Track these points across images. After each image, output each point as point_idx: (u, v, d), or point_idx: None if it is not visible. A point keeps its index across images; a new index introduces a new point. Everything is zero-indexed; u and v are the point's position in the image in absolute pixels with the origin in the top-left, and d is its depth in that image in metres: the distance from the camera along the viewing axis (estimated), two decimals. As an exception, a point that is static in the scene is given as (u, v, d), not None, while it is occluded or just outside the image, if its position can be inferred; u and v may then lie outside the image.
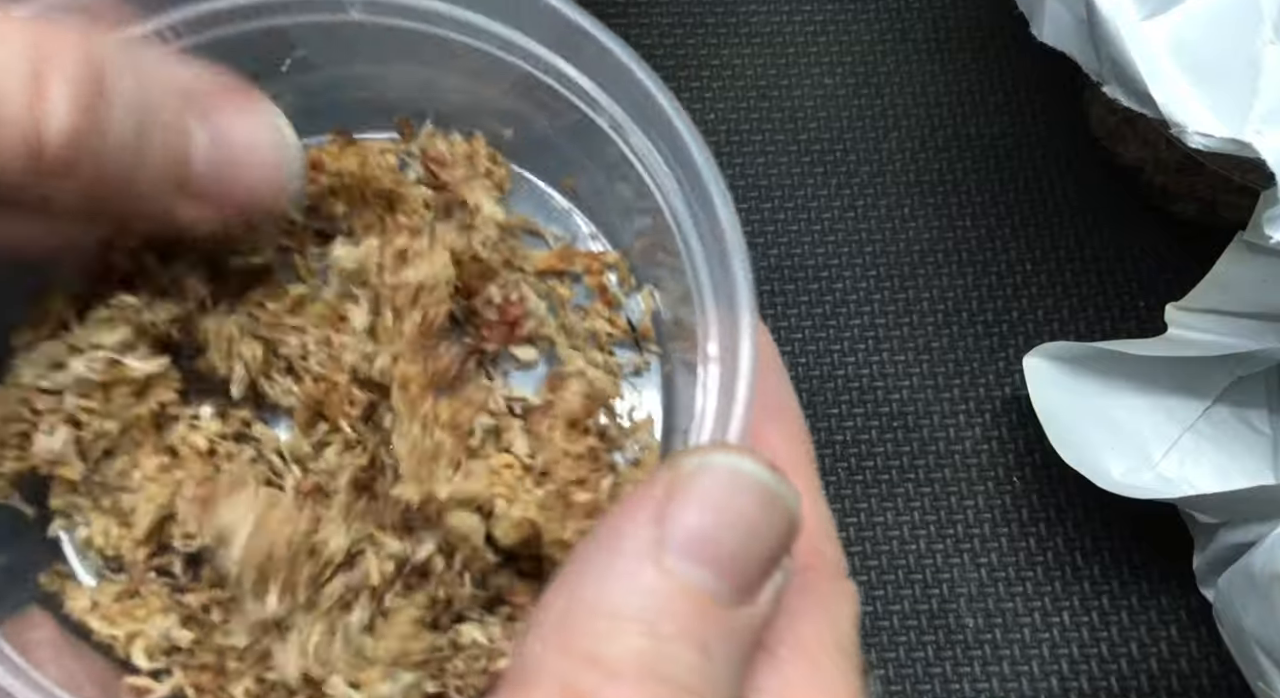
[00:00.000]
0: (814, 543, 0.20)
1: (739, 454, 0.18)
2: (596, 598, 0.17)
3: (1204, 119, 0.38)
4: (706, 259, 0.23)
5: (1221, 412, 0.45)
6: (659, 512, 0.17)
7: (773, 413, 0.22)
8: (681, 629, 0.17)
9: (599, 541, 0.18)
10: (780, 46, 0.56)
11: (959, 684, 0.45)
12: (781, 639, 0.19)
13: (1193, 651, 0.46)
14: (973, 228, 0.53)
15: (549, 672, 0.16)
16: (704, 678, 0.17)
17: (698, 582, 0.17)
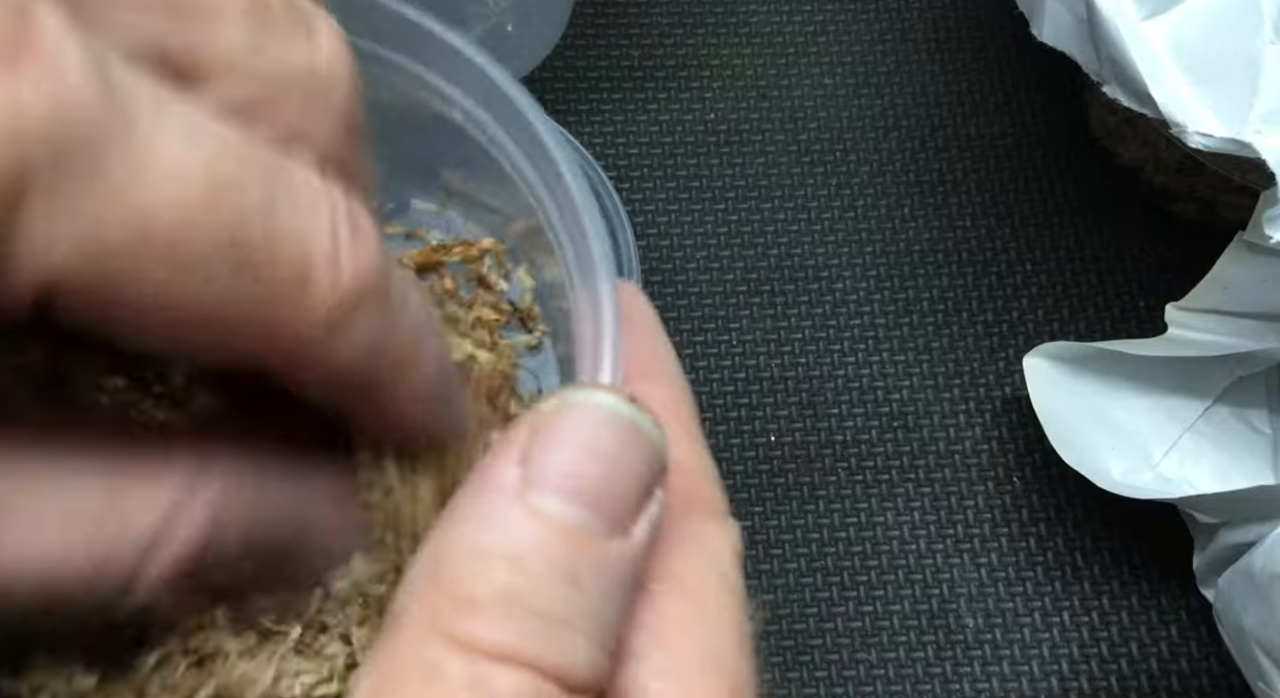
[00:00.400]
0: (691, 485, 0.20)
1: (595, 390, 0.18)
2: (463, 541, 0.17)
3: (1204, 119, 0.38)
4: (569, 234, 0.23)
5: (1222, 412, 0.45)
6: (523, 453, 0.17)
7: (647, 369, 0.22)
8: (550, 563, 0.16)
9: (467, 488, 0.18)
10: (780, 46, 0.56)
11: (959, 685, 0.45)
12: (656, 576, 0.19)
13: (1193, 651, 0.46)
14: (973, 228, 0.53)
15: (416, 615, 0.16)
16: (577, 609, 0.17)
17: (565, 517, 0.17)
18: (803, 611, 0.46)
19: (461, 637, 0.16)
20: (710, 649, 0.18)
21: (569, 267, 0.23)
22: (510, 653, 0.16)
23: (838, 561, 0.47)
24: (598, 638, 0.17)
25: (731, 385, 0.50)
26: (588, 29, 0.56)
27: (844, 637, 0.46)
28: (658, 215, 0.52)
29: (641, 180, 0.53)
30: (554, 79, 0.54)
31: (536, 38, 0.53)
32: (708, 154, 0.54)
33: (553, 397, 0.18)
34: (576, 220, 0.23)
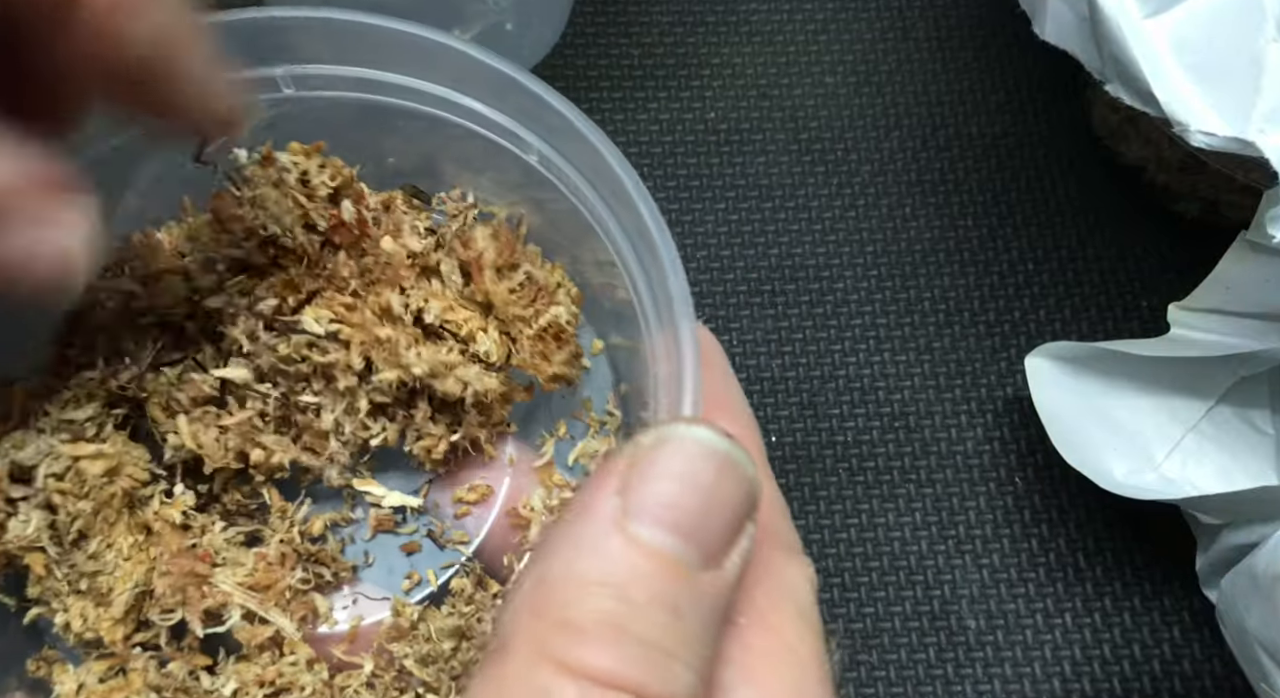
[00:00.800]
0: (770, 521, 0.21)
1: (695, 425, 0.18)
2: (566, 568, 0.17)
3: (1207, 118, 0.38)
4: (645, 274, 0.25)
5: (1224, 412, 0.45)
6: (622, 483, 0.18)
7: (719, 405, 0.23)
8: (651, 593, 0.17)
9: (567, 517, 0.18)
10: (781, 45, 0.56)
11: (961, 686, 0.45)
12: (740, 610, 0.19)
13: (1195, 652, 0.46)
14: (974, 228, 0.53)
15: (522, 638, 0.17)
16: (677, 638, 0.17)
17: (664, 547, 0.17)
18: (804, 612, 0.46)
19: (570, 662, 0.16)
20: (795, 684, 0.19)
21: (643, 305, 0.24)
22: (618, 679, 0.16)
23: (839, 562, 0.47)
24: (695, 667, 0.17)
25: (732, 386, 0.49)
26: (587, 28, 0.56)
27: (845, 638, 0.46)
28: (658, 215, 0.52)
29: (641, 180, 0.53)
30: (554, 78, 0.54)
31: (536, 37, 0.53)
32: (708, 154, 0.54)
33: (652, 430, 0.18)
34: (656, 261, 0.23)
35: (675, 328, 0.23)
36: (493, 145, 0.27)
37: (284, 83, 0.27)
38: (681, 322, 0.23)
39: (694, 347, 0.22)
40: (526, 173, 0.27)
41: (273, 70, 0.27)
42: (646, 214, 0.24)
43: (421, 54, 0.26)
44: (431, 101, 0.27)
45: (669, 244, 0.24)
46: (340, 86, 0.27)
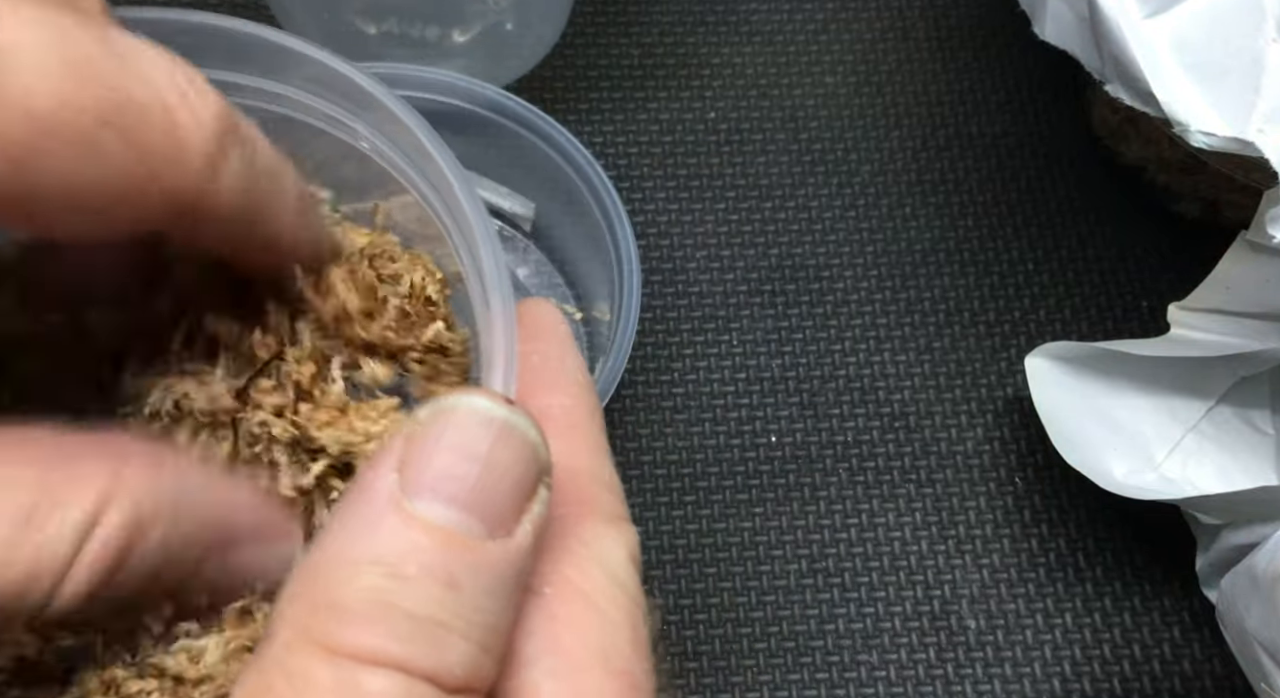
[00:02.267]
0: (586, 492, 0.20)
1: (470, 394, 0.18)
2: (338, 549, 0.17)
3: (1207, 118, 0.38)
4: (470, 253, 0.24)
5: (1224, 412, 0.45)
6: (398, 459, 0.17)
7: (552, 380, 0.22)
8: (425, 566, 0.16)
9: (346, 498, 0.17)
10: (781, 45, 0.56)
11: (960, 686, 0.45)
12: (547, 581, 0.19)
13: (1196, 652, 0.46)
14: (974, 228, 0.53)
15: (286, 622, 0.16)
16: (454, 611, 0.16)
17: (442, 520, 0.17)
18: (804, 612, 0.46)
19: (329, 642, 0.16)
20: (603, 649, 0.18)
21: (469, 282, 0.24)
22: (380, 656, 0.16)
23: (839, 562, 0.47)
24: (477, 639, 0.17)
25: (732, 386, 0.49)
26: (588, 28, 0.56)
27: (845, 639, 0.46)
28: (658, 215, 0.52)
29: (641, 180, 0.53)
30: (554, 78, 0.54)
31: (536, 37, 0.53)
32: (708, 154, 0.54)
33: (429, 404, 0.18)
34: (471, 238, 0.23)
35: (488, 301, 0.22)
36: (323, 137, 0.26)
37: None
38: (492, 295, 0.22)
39: (506, 319, 0.22)
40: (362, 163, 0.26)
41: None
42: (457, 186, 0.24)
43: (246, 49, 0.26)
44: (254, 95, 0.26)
45: (481, 216, 0.23)
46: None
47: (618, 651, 0.18)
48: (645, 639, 0.19)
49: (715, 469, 0.48)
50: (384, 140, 0.26)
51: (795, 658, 0.45)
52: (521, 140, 0.45)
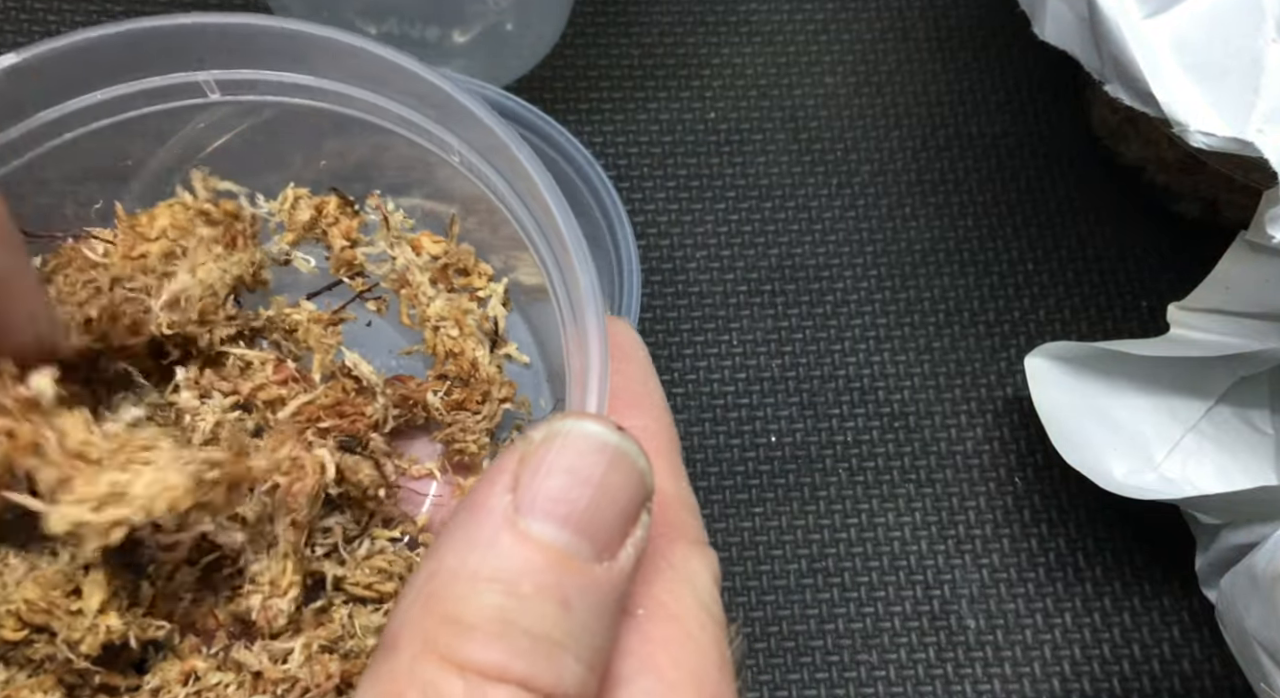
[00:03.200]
0: (672, 515, 0.21)
1: (583, 419, 0.19)
2: (456, 563, 0.17)
3: (1206, 118, 0.38)
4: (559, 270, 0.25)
5: (1224, 412, 0.45)
6: (513, 480, 0.18)
7: (635, 402, 0.23)
8: (540, 586, 0.17)
9: (460, 515, 0.18)
10: (781, 45, 0.56)
11: (960, 686, 0.45)
12: (639, 602, 0.19)
13: (1195, 652, 0.46)
14: (974, 228, 0.53)
15: (410, 634, 0.17)
16: (566, 631, 0.17)
17: (554, 541, 0.17)
18: (804, 612, 0.46)
19: (456, 657, 0.16)
20: (695, 672, 0.19)
21: (559, 302, 0.24)
22: (505, 673, 0.16)
23: (839, 562, 0.47)
24: (586, 659, 0.17)
25: (732, 386, 0.49)
26: (588, 28, 0.56)
27: (845, 638, 0.46)
28: (658, 215, 0.52)
29: (641, 180, 0.53)
30: (554, 78, 0.54)
31: (536, 37, 0.53)
32: (708, 154, 0.54)
33: (542, 425, 0.18)
34: (566, 256, 0.24)
35: (583, 322, 0.23)
36: (416, 149, 0.27)
37: (208, 88, 0.27)
38: (588, 315, 0.23)
39: (601, 340, 0.22)
40: (451, 176, 0.27)
41: (196, 75, 0.27)
42: (553, 204, 0.24)
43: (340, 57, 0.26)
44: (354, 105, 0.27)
45: (576, 235, 0.24)
46: (263, 91, 0.27)
47: (708, 674, 0.19)
48: (730, 663, 0.20)
49: (715, 469, 0.48)
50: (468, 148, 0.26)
51: (795, 658, 0.45)
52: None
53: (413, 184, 0.29)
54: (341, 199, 0.30)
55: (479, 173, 0.26)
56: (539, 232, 0.25)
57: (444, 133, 0.26)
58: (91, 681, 0.24)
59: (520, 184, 0.26)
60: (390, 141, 0.27)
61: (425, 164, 0.27)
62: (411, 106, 0.26)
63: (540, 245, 0.25)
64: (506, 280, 0.29)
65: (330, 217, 0.29)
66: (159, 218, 0.28)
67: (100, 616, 0.23)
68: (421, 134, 0.27)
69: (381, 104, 0.27)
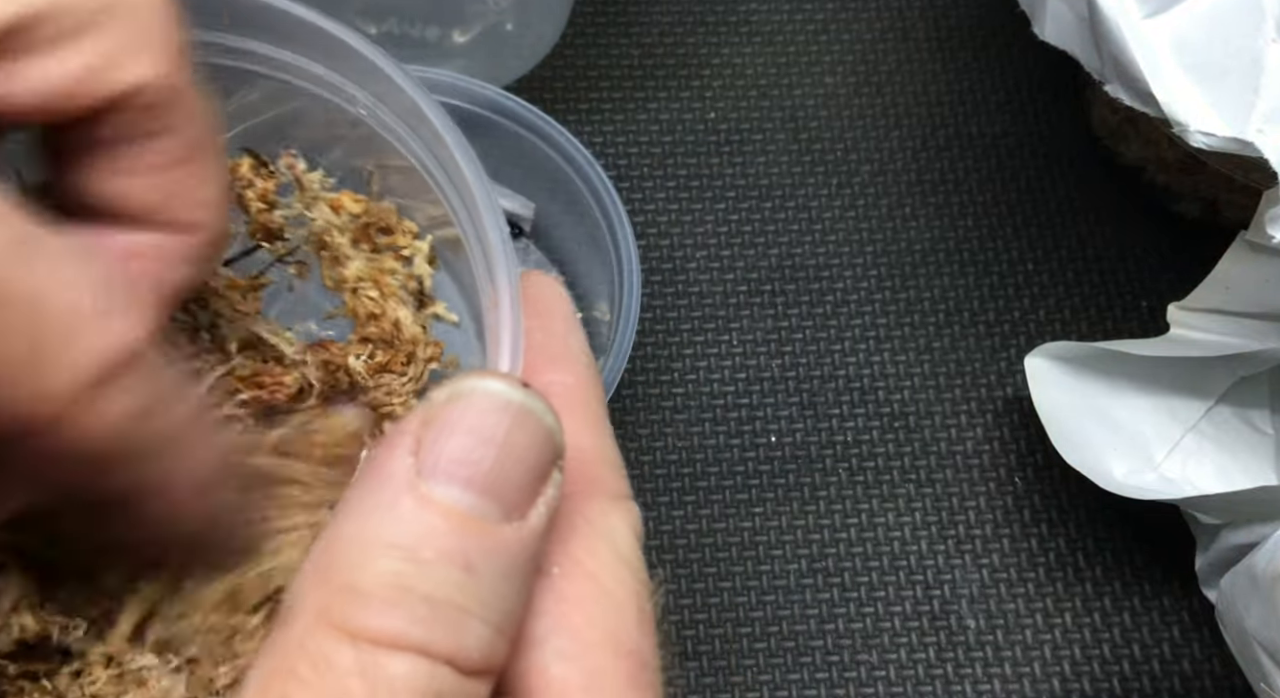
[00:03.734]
0: (591, 470, 0.20)
1: (486, 377, 0.18)
2: (355, 531, 0.17)
3: (1206, 118, 0.38)
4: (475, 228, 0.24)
5: (1224, 412, 0.45)
6: (415, 442, 0.17)
7: (555, 357, 0.22)
8: (442, 550, 0.16)
9: (361, 480, 0.18)
10: (781, 45, 0.56)
11: (960, 686, 0.45)
12: (554, 561, 0.19)
13: (1195, 652, 0.46)
14: (974, 228, 0.53)
15: (305, 605, 0.16)
16: (471, 594, 0.16)
17: (458, 503, 0.17)
18: (804, 612, 0.46)
19: (350, 626, 0.16)
20: (611, 629, 0.18)
21: (474, 256, 0.24)
22: (400, 640, 0.16)
23: (839, 562, 0.47)
24: (494, 622, 0.17)
25: (732, 386, 0.49)
26: (588, 28, 0.56)
27: (845, 638, 0.46)
28: (658, 215, 0.52)
29: (641, 180, 0.53)
30: (554, 78, 0.54)
31: (536, 37, 0.53)
32: (708, 154, 0.54)
33: (446, 386, 0.18)
34: (476, 212, 0.23)
35: (495, 279, 0.22)
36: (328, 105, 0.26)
37: None
38: (499, 272, 0.22)
39: (512, 297, 0.22)
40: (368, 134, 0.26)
41: None
42: (459, 157, 0.23)
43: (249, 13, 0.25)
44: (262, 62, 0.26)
45: (484, 189, 0.23)
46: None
47: (626, 631, 0.18)
48: (651, 618, 0.19)
49: (715, 469, 0.48)
50: (380, 105, 0.25)
51: (795, 658, 0.45)
52: (521, 140, 0.45)
53: (331, 144, 0.28)
54: (255, 160, 0.28)
55: (388, 127, 0.26)
56: (450, 184, 0.25)
57: (352, 87, 0.26)
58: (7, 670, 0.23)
59: (428, 136, 0.25)
60: (301, 98, 0.26)
61: (340, 121, 0.26)
62: (318, 61, 0.26)
63: (454, 201, 0.25)
64: (431, 238, 0.28)
65: (244, 179, 0.28)
66: None
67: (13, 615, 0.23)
68: (330, 89, 0.26)
69: (289, 60, 0.26)
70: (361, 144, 0.27)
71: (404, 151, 0.25)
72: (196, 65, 0.22)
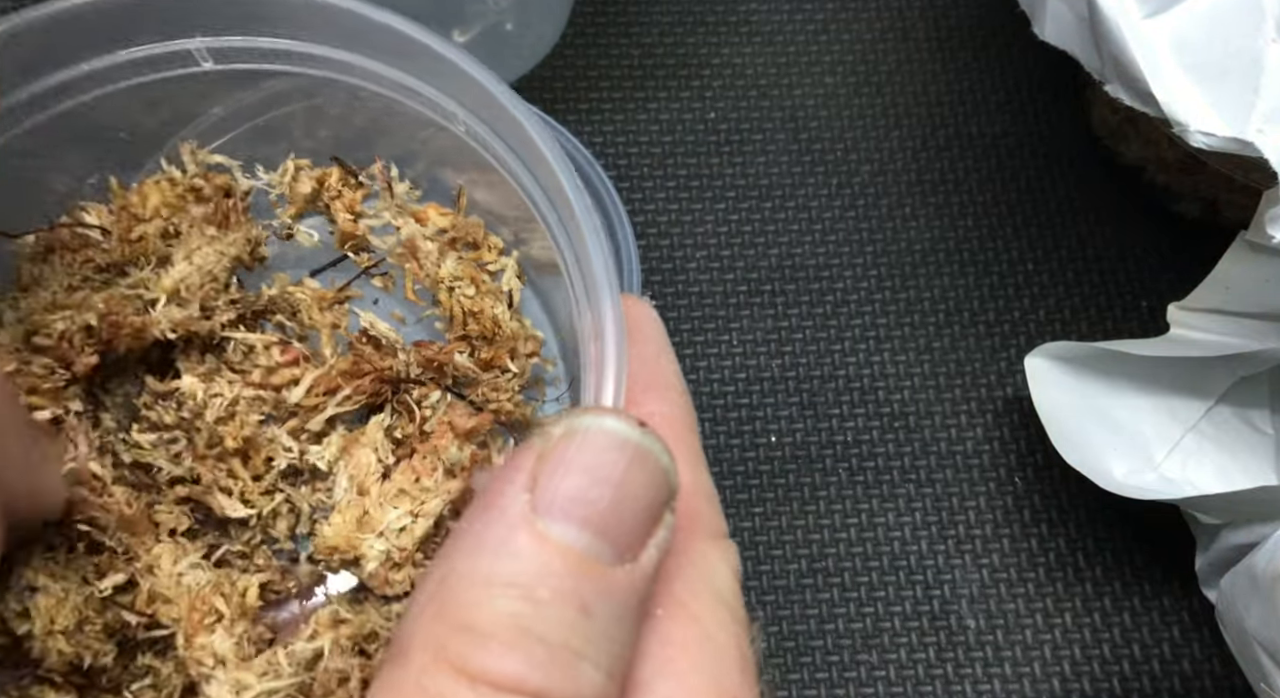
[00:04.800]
0: (692, 507, 0.20)
1: (603, 415, 0.18)
2: (471, 567, 0.17)
3: (1206, 118, 0.38)
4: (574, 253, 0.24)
5: (1224, 412, 0.45)
6: (530, 478, 0.17)
7: (651, 384, 0.22)
8: (559, 591, 0.16)
9: (474, 513, 0.17)
10: (781, 45, 0.56)
11: (960, 686, 0.45)
12: (659, 602, 0.18)
13: (1195, 652, 0.46)
14: (974, 228, 0.53)
15: (421, 641, 0.16)
16: (586, 637, 0.16)
17: (574, 543, 0.17)
18: (804, 612, 0.46)
19: (470, 668, 0.16)
20: (714, 675, 0.18)
21: (572, 282, 0.23)
22: (520, 684, 0.16)
23: (839, 562, 0.47)
24: (607, 666, 0.17)
25: (732, 386, 0.49)
26: (588, 28, 0.56)
27: (845, 638, 0.46)
28: (658, 215, 0.52)
29: (641, 180, 0.53)
30: (554, 78, 0.54)
31: (536, 37, 0.53)
32: (708, 154, 0.54)
33: (560, 420, 0.18)
34: (579, 234, 0.23)
35: (598, 306, 0.22)
36: (420, 118, 0.26)
37: (200, 57, 0.26)
38: (603, 299, 0.22)
39: (617, 327, 0.21)
40: (458, 146, 0.26)
41: (187, 43, 0.26)
42: (564, 179, 0.23)
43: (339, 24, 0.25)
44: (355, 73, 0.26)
45: (587, 212, 0.23)
46: (259, 59, 0.26)
47: (729, 677, 0.18)
48: (752, 663, 0.19)
49: (715, 469, 0.48)
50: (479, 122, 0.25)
51: (795, 658, 0.45)
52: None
53: (418, 155, 0.28)
54: (344, 169, 0.29)
55: (485, 143, 0.25)
56: (550, 207, 0.24)
57: (448, 101, 0.25)
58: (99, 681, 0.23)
59: (529, 157, 0.25)
60: (392, 110, 0.26)
61: (430, 134, 0.26)
62: (414, 74, 0.25)
63: (552, 222, 0.24)
64: (517, 254, 0.28)
65: (333, 188, 0.28)
66: (149, 195, 0.27)
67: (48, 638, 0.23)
68: (425, 103, 0.26)
69: (382, 72, 0.26)
70: (449, 157, 0.27)
71: (500, 169, 0.25)
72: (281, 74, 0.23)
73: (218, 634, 0.24)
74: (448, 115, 0.25)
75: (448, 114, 0.25)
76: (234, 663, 0.23)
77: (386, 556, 0.24)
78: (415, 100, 0.26)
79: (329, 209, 0.29)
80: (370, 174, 0.29)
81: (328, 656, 0.23)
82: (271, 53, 0.26)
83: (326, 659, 0.23)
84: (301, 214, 0.29)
